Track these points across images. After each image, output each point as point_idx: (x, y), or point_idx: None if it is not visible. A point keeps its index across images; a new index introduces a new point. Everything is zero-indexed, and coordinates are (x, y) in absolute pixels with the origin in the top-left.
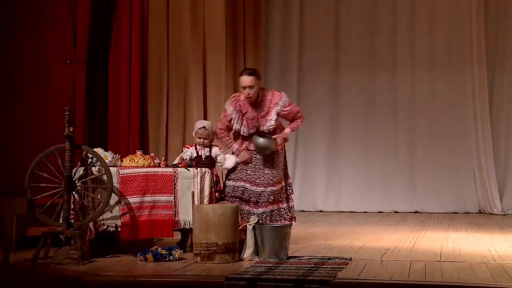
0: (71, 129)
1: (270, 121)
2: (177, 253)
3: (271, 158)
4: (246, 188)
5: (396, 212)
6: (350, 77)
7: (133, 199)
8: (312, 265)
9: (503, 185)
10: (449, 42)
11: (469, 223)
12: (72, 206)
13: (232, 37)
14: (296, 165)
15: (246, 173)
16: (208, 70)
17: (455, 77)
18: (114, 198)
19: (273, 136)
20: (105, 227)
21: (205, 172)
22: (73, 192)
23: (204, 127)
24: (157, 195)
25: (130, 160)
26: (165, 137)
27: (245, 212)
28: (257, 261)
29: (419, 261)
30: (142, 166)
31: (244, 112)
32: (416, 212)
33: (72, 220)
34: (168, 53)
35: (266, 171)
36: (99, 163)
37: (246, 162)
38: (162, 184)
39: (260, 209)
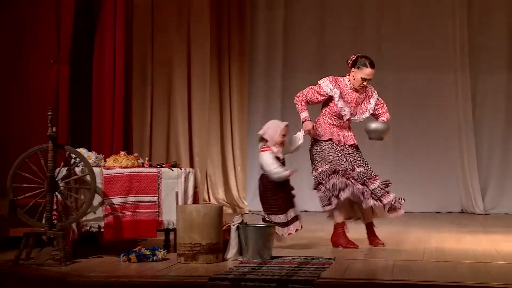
0: (54, 129)
1: (365, 114)
2: (160, 253)
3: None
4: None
5: None
6: None
7: (116, 200)
8: (295, 265)
9: (485, 186)
10: (432, 45)
11: (452, 223)
12: (55, 207)
13: (217, 38)
14: None
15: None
16: (192, 71)
17: (438, 79)
18: (97, 199)
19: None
20: (88, 227)
21: (189, 173)
22: (56, 193)
23: (287, 124)
24: (141, 195)
25: (114, 160)
26: (149, 137)
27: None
28: (241, 261)
29: (403, 260)
30: (126, 166)
31: (343, 95)
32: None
33: (55, 221)
34: (153, 53)
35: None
36: (82, 163)
37: (308, 132)
38: (146, 184)
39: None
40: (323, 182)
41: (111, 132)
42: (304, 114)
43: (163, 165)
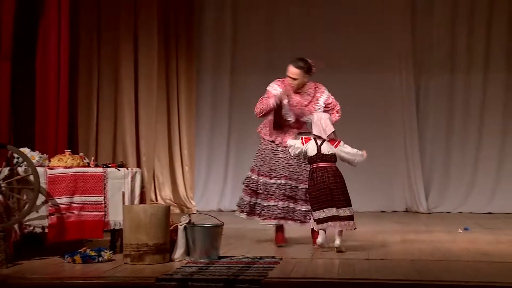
0: None
1: (317, 111)
2: (106, 254)
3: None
4: (292, 186)
5: None
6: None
7: (61, 200)
8: (243, 265)
9: (429, 185)
10: (377, 46)
11: (397, 222)
12: None
13: (164, 37)
14: (229, 166)
15: (289, 170)
16: (139, 71)
17: (383, 80)
18: (41, 199)
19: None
20: (32, 228)
21: (136, 172)
22: None
23: None
24: (87, 195)
25: (59, 160)
26: (95, 136)
27: (290, 209)
28: (188, 262)
29: (348, 259)
30: (71, 166)
31: (289, 97)
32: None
33: None
34: (99, 52)
35: (304, 169)
36: (25, 163)
37: (287, 93)
38: (92, 185)
39: (304, 207)
40: (246, 189)
41: (55, 132)
42: (271, 100)
43: (110, 165)
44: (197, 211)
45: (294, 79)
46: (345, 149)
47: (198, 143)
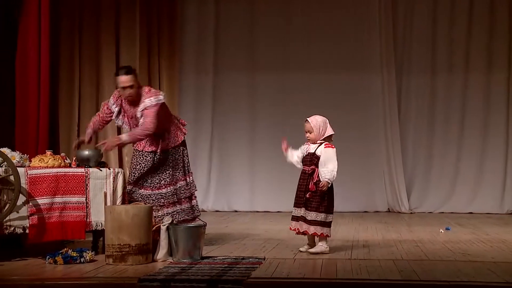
0: None
1: (138, 119)
2: (88, 255)
3: (159, 160)
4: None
5: None
6: (266, 77)
7: (42, 200)
8: (226, 265)
9: (411, 185)
10: (358, 45)
11: (379, 222)
12: None
13: (147, 36)
14: (212, 166)
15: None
16: None
17: (364, 80)
18: (22, 199)
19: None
20: (12, 229)
21: (118, 173)
22: None
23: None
24: (68, 196)
25: (40, 160)
26: (76, 136)
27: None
28: (171, 262)
29: (331, 259)
30: (52, 166)
31: (125, 109)
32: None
33: None
34: (80, 50)
35: (156, 174)
36: (5, 163)
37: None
38: (73, 185)
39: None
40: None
41: (36, 132)
42: (87, 130)
43: (91, 165)
44: None
45: (131, 86)
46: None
47: None
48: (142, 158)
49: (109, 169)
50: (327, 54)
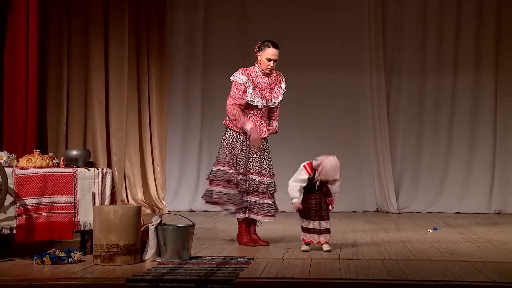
0: None
1: (279, 97)
2: (76, 255)
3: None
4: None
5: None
6: None
7: (30, 201)
8: (214, 265)
9: (399, 186)
10: (347, 46)
11: (368, 222)
12: None
13: (136, 36)
14: (201, 166)
15: (252, 164)
16: (110, 69)
17: (353, 80)
18: (9, 200)
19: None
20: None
21: (106, 173)
22: None
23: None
24: (56, 196)
25: (27, 160)
26: (65, 136)
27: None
28: (159, 262)
29: (319, 259)
30: (40, 166)
31: (256, 82)
32: None
33: None
34: (69, 50)
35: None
36: None
37: (256, 143)
38: (61, 185)
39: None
40: (213, 181)
41: (24, 131)
42: (249, 126)
43: (80, 165)
44: (169, 211)
45: (275, 60)
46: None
47: (170, 143)
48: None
49: (98, 169)
50: (316, 55)
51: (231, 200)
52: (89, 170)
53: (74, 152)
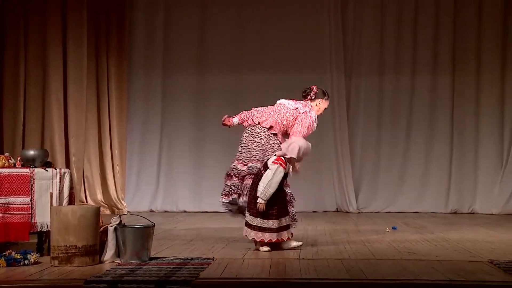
0: None
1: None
2: (32, 257)
3: None
4: None
5: None
6: (217, 79)
7: None
8: (174, 266)
9: (358, 186)
10: (308, 47)
11: (328, 221)
12: None
13: (94, 35)
14: (161, 166)
15: None
16: (69, 69)
17: (314, 80)
18: None
19: None
20: None
21: (64, 173)
22: None
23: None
24: (12, 197)
25: None
26: (21, 136)
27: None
28: (119, 263)
29: (280, 259)
30: None
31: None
32: None
33: None
34: (26, 50)
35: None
36: None
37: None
38: (18, 185)
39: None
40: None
41: None
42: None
43: (37, 166)
44: (128, 212)
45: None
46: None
47: (129, 143)
48: None
49: (56, 170)
50: (277, 56)
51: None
52: (46, 171)
53: (31, 152)
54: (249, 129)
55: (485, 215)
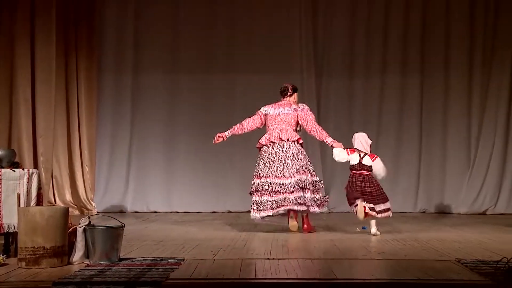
0: None
1: None
2: None
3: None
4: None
5: (229, 212)
6: (188, 79)
7: None
8: (144, 267)
9: (329, 186)
10: (279, 47)
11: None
12: None
13: (63, 34)
14: (131, 166)
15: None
16: (37, 67)
17: (284, 81)
18: None
19: None
20: None
21: (32, 173)
22: None
23: None
24: None
25: None
26: None
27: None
28: (88, 264)
29: (251, 259)
30: None
31: None
32: (248, 211)
33: None
34: None
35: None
36: None
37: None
38: None
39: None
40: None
41: None
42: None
43: (4, 166)
44: (98, 212)
45: None
46: (377, 165)
47: (99, 143)
48: None
49: (23, 170)
50: (248, 57)
51: None
52: (14, 171)
53: None
54: (277, 145)
55: (453, 214)
